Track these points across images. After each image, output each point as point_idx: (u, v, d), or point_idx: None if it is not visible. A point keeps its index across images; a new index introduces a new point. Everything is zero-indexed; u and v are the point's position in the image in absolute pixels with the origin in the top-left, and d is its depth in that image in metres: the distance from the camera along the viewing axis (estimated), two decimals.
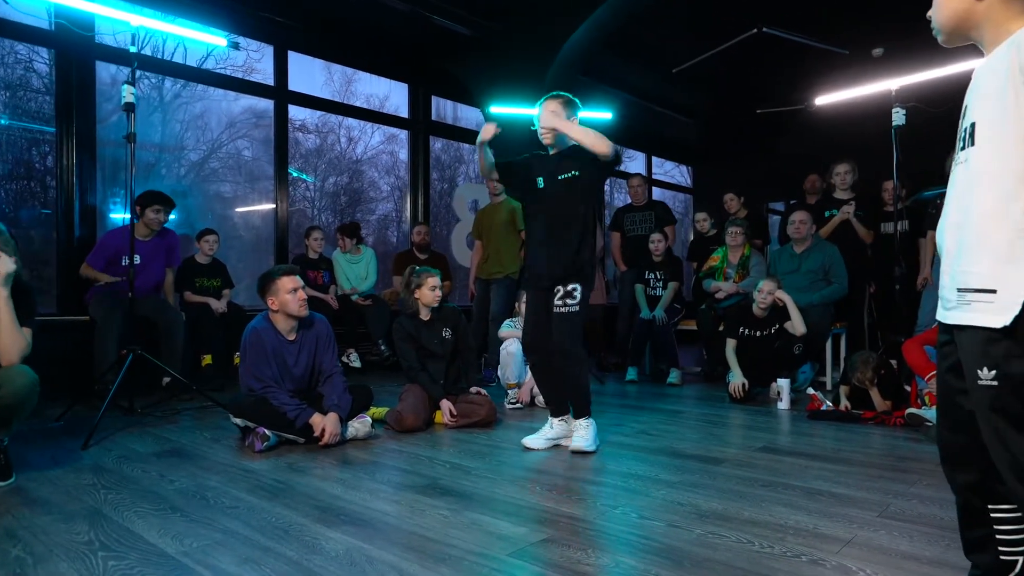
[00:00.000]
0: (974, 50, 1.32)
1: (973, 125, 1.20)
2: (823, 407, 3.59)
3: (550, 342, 2.87)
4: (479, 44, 6.27)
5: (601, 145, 2.73)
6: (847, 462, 2.67)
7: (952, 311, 1.22)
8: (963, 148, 1.22)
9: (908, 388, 3.49)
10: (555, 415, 3.00)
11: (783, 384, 3.86)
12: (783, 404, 3.84)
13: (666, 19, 6.69)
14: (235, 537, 1.88)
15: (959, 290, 1.20)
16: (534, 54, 6.18)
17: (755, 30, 6.58)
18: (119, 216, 5.05)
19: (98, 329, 4.11)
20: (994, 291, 1.12)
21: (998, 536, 1.28)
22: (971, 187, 1.19)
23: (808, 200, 5.86)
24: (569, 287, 2.83)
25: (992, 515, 1.28)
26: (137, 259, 3.79)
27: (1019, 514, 1.25)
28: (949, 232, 1.25)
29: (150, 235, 4.36)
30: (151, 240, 4.37)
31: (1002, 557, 1.29)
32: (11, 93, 6.08)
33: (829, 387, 4.57)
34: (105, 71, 5.02)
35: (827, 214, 5.15)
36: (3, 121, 4.93)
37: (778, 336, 4.18)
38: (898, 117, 4.11)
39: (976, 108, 1.22)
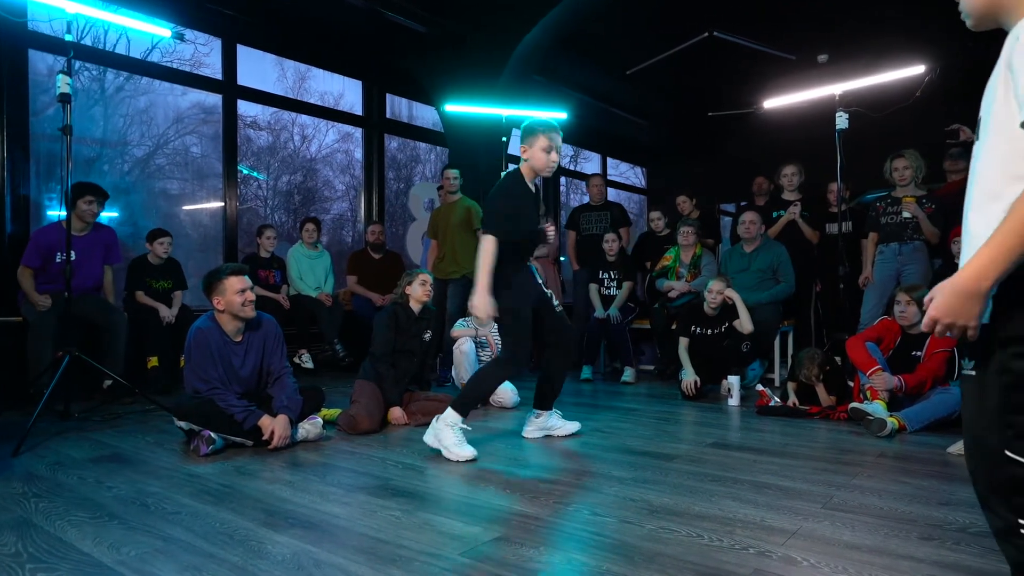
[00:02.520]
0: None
1: (980, 119, 1.19)
2: (771, 403, 3.68)
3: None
4: (434, 42, 6.22)
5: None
6: (793, 456, 2.74)
7: None
8: (977, 140, 1.20)
9: (851, 383, 3.60)
10: (547, 408, 3.18)
11: (733, 381, 3.94)
12: (733, 401, 3.92)
13: (620, 21, 6.76)
14: (176, 544, 1.82)
15: None
16: (490, 53, 6.17)
17: (706, 34, 6.73)
18: (55, 213, 4.84)
19: (31, 330, 3.92)
20: None
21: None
22: (972, 182, 1.18)
23: (756, 201, 6.01)
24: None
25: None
26: (72, 255, 3.63)
27: None
28: (963, 227, 1.22)
29: (85, 229, 4.18)
30: (87, 235, 4.19)
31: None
32: None
33: (777, 383, 4.69)
34: (41, 61, 4.81)
35: (775, 214, 5.29)
36: None
37: (728, 334, 4.27)
38: (841, 121, 4.25)
39: (984, 101, 1.19)
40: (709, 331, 4.34)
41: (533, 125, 2.91)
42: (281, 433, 2.87)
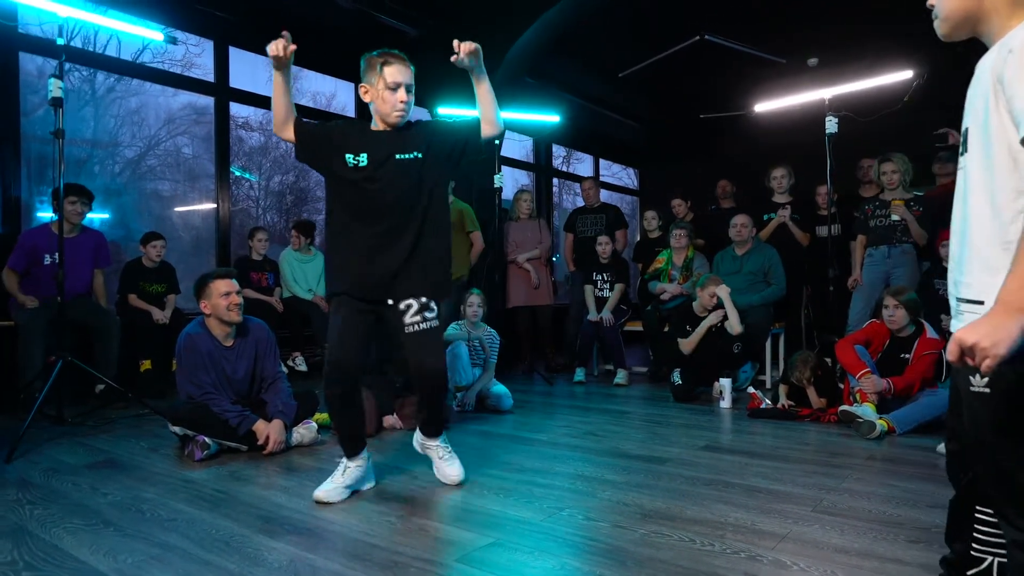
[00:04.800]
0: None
1: (967, 130, 1.17)
2: (763, 405, 3.72)
3: (361, 370, 2.32)
4: (425, 44, 6.23)
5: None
6: (784, 459, 2.77)
7: (953, 320, 1.21)
8: (963, 153, 1.18)
9: (842, 386, 3.64)
10: (351, 455, 2.32)
11: (725, 383, 3.97)
12: (725, 403, 3.95)
13: (612, 24, 6.80)
14: (173, 551, 1.83)
15: (956, 299, 1.19)
16: (482, 55, 6.18)
17: (697, 37, 6.76)
18: (47, 215, 4.82)
19: (21, 334, 3.91)
20: (982, 303, 1.11)
21: (975, 534, 1.33)
22: (967, 195, 1.17)
23: (722, 204, 6.11)
24: (423, 299, 2.24)
25: (976, 514, 1.32)
26: (58, 257, 3.62)
27: (995, 519, 1.26)
28: (952, 238, 1.22)
29: (73, 231, 4.17)
30: (75, 238, 4.18)
31: (972, 552, 1.34)
32: None
33: (769, 385, 4.73)
34: (31, 62, 4.78)
35: (765, 217, 5.33)
36: None
37: (719, 336, 4.30)
38: (831, 125, 4.30)
39: (968, 112, 1.18)
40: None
41: None
42: (276, 438, 2.89)
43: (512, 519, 2.08)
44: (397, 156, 2.19)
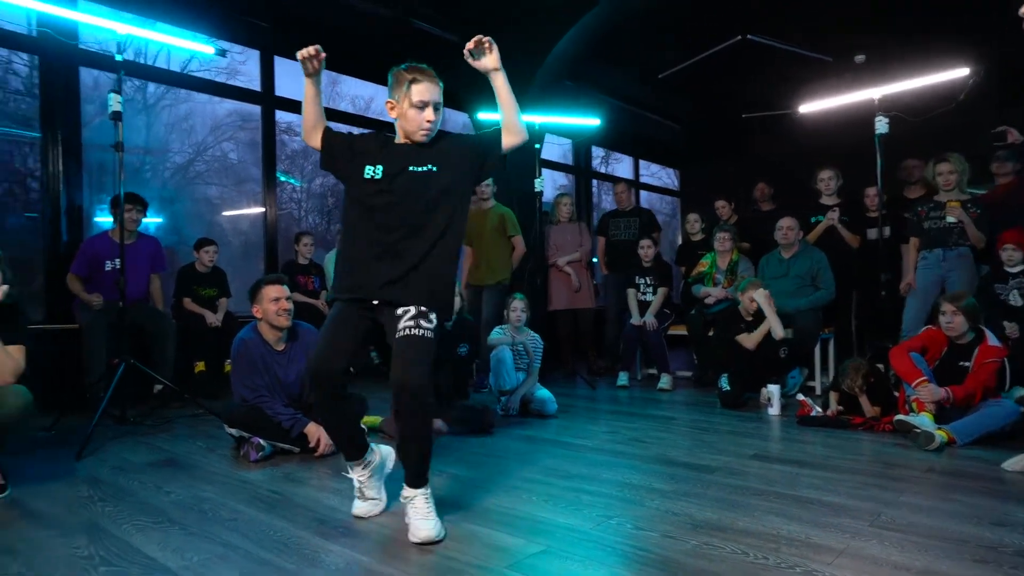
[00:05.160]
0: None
1: None
2: (812, 413, 3.65)
3: (343, 373, 2.14)
4: (463, 49, 6.28)
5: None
6: (837, 469, 2.72)
7: None
8: None
9: (896, 394, 3.55)
10: (352, 459, 2.22)
11: (773, 390, 3.91)
12: (773, 410, 3.89)
13: (652, 26, 6.74)
14: (235, 551, 1.89)
15: None
16: (521, 60, 6.20)
17: (739, 37, 6.67)
18: (106, 220, 5.01)
19: (86, 338, 4.08)
20: None
21: None
22: None
23: (762, 208, 5.99)
24: (423, 307, 2.06)
25: None
26: (118, 262, 3.76)
27: None
28: None
29: (130, 238, 4.33)
30: (133, 244, 4.34)
31: None
32: None
33: (818, 392, 4.64)
34: (87, 74, 4.98)
35: (813, 219, 5.23)
36: None
37: (765, 340, 4.23)
38: (881, 125, 4.20)
39: None
40: None
41: None
42: (327, 441, 2.95)
43: (561, 527, 2.09)
44: (410, 168, 2.14)
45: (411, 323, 2.02)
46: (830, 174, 5.21)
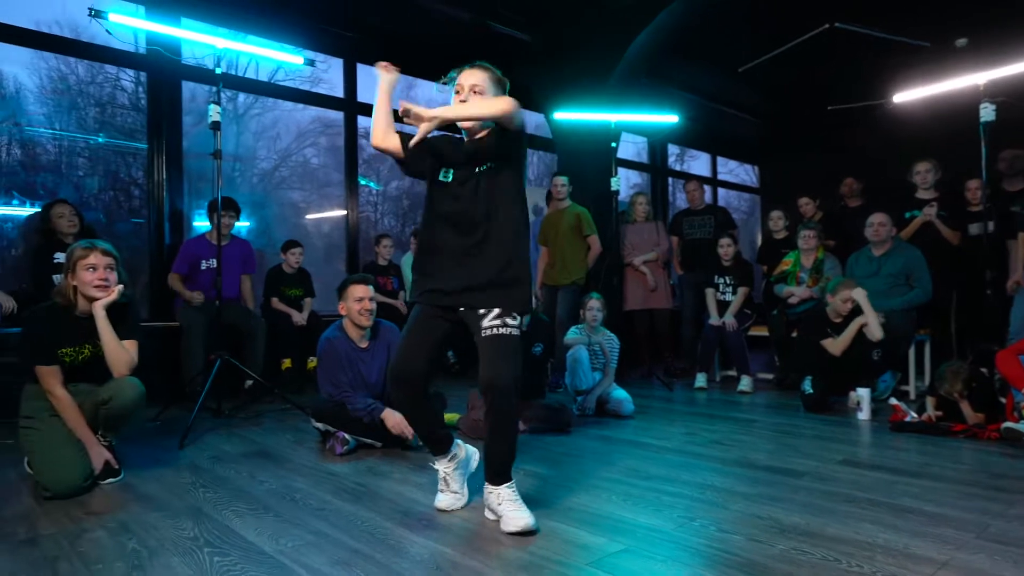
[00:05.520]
0: None
1: None
2: (907, 418, 3.46)
3: (426, 375, 2.17)
4: (541, 50, 6.31)
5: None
6: (937, 478, 2.57)
7: None
8: None
9: (1003, 400, 3.32)
10: (437, 455, 2.27)
11: (863, 393, 3.73)
12: (863, 414, 3.71)
13: (731, 18, 6.56)
14: (325, 539, 1.98)
15: None
16: (598, 58, 6.17)
17: (827, 26, 6.39)
18: (203, 224, 5.33)
19: (186, 335, 4.35)
20: None
21: None
22: None
23: (848, 204, 5.69)
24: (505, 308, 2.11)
25: None
26: (213, 263, 3.99)
27: None
28: None
29: (223, 240, 4.57)
30: (226, 246, 4.58)
31: None
32: (101, 110, 6.50)
33: (913, 397, 4.39)
34: (186, 87, 5.32)
35: (907, 215, 4.95)
36: (100, 139, 5.28)
37: (856, 342, 4.04)
38: (987, 113, 3.93)
39: None
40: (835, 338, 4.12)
41: None
42: (406, 425, 2.95)
43: (642, 526, 2.07)
44: (476, 170, 2.15)
45: (496, 323, 2.07)
46: (927, 166, 4.92)
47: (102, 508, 2.27)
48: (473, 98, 2.14)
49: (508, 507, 2.05)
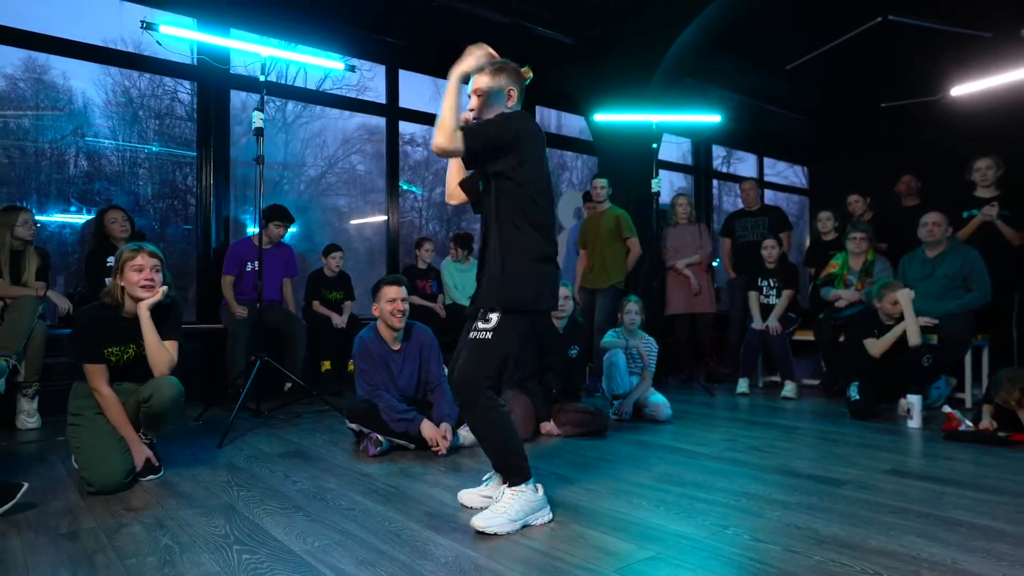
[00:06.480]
0: None
1: None
2: (962, 427, 3.28)
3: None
4: (582, 52, 6.27)
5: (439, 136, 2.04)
6: (992, 490, 2.43)
7: None
8: None
9: None
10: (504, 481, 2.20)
11: (914, 400, 3.57)
12: (914, 422, 3.55)
13: (778, 14, 6.39)
14: (352, 539, 1.99)
15: None
16: (639, 58, 6.09)
17: (879, 19, 6.16)
18: (249, 229, 5.48)
19: (229, 337, 4.47)
20: None
21: None
22: None
23: (905, 203, 5.44)
24: (486, 310, 2.14)
25: None
26: (256, 265, 4.09)
27: None
28: None
29: (268, 244, 4.70)
30: (269, 250, 4.71)
31: None
32: (159, 121, 6.77)
33: (969, 405, 4.18)
34: (235, 97, 5.48)
35: (965, 215, 4.72)
36: (155, 148, 5.49)
37: (907, 346, 3.86)
38: None
39: None
40: None
41: None
42: (444, 444, 3.04)
43: (673, 533, 2.02)
44: (480, 185, 2.22)
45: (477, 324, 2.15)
46: (988, 163, 4.68)
47: (141, 504, 2.34)
48: (475, 101, 2.25)
49: (496, 506, 2.07)
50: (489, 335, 2.07)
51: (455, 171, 2.33)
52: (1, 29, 4.20)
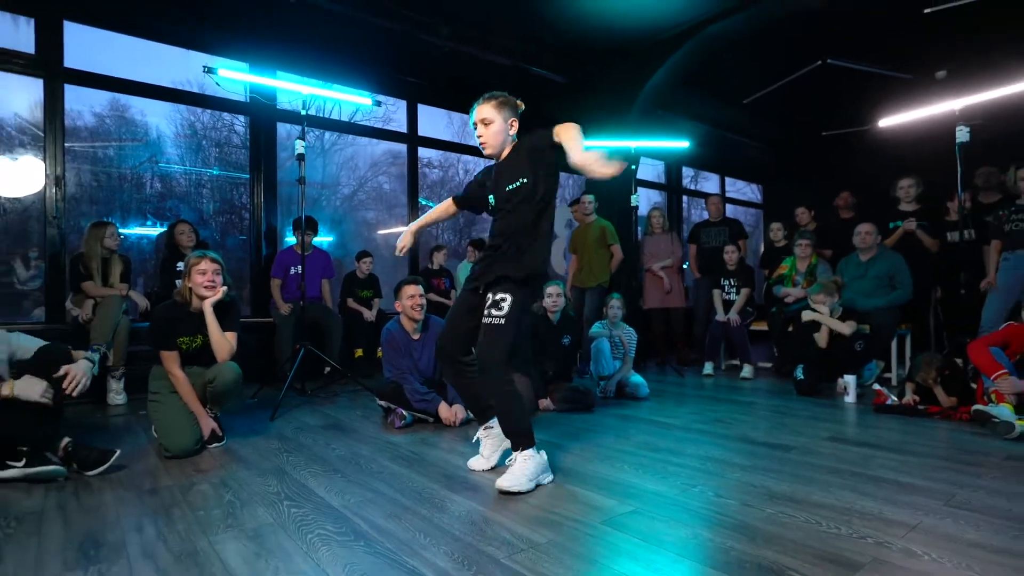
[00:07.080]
0: None
1: None
2: (888, 402, 3.31)
3: (461, 350, 2.27)
4: (572, 89, 6.28)
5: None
6: (912, 453, 2.45)
7: None
8: None
9: (974, 386, 3.14)
10: (481, 421, 2.35)
11: (849, 380, 3.59)
12: (849, 398, 3.57)
13: (737, 56, 6.40)
14: (382, 496, 2.01)
15: None
16: (620, 95, 6.11)
17: (819, 62, 6.18)
18: (291, 239, 5.51)
19: (278, 329, 4.50)
20: None
21: None
22: None
23: (842, 215, 5.46)
24: (498, 296, 2.09)
25: None
26: (299, 269, 4.10)
27: None
28: None
29: (307, 250, 4.70)
30: (309, 256, 4.73)
31: None
32: (219, 149, 6.79)
33: (895, 383, 4.19)
34: (281, 128, 5.51)
35: (891, 225, 4.74)
36: (215, 172, 5.51)
37: (841, 335, 3.88)
38: (962, 135, 3.74)
39: None
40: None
41: None
42: (456, 418, 3.07)
43: (649, 491, 2.04)
44: (508, 188, 2.14)
45: (486, 311, 2.11)
46: (910, 182, 4.70)
47: (208, 467, 2.37)
48: (483, 129, 2.21)
49: (508, 470, 2.08)
50: (503, 320, 2.07)
51: (441, 212, 2.50)
52: (92, 76, 4.23)
